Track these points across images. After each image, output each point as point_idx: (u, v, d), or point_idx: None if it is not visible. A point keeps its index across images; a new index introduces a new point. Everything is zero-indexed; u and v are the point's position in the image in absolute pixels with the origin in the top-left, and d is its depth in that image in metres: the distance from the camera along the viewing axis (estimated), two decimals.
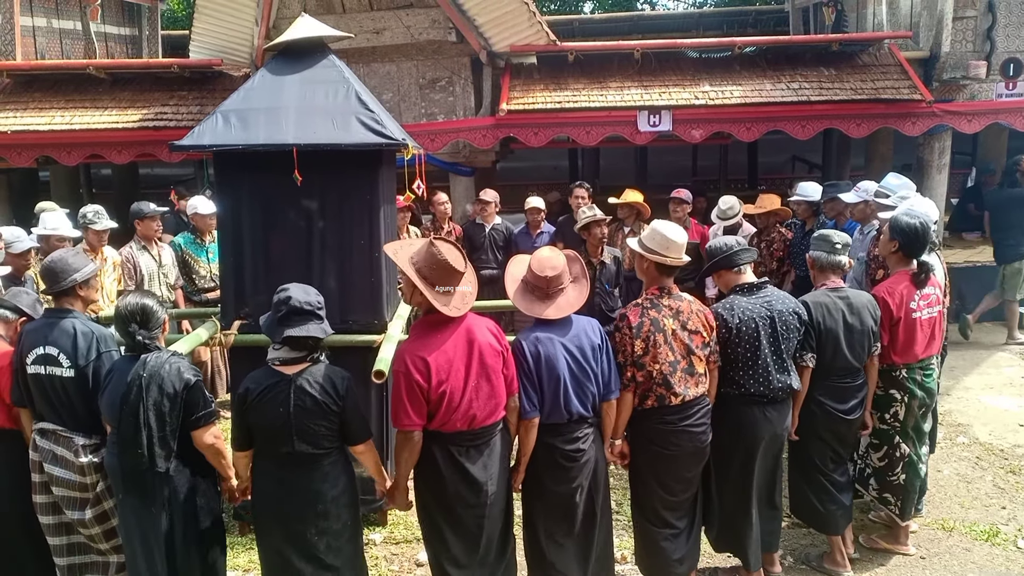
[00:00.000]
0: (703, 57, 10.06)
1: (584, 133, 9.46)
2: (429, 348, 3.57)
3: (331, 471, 3.63)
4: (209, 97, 10.21)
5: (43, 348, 3.90)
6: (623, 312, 4.11)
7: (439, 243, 3.69)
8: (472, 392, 3.61)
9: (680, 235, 4.18)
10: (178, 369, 3.59)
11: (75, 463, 3.89)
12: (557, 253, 4.03)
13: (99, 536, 3.98)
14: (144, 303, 3.71)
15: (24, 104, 10.25)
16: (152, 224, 7.01)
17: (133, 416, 3.50)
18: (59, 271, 4.00)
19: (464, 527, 3.75)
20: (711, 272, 4.51)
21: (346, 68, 5.24)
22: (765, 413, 4.29)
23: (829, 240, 4.64)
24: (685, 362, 4.06)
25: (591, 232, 6.68)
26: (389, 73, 9.99)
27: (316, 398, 3.51)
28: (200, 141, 4.86)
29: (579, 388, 3.83)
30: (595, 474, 3.94)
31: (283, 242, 5.04)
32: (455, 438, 3.66)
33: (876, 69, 9.74)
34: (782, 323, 4.28)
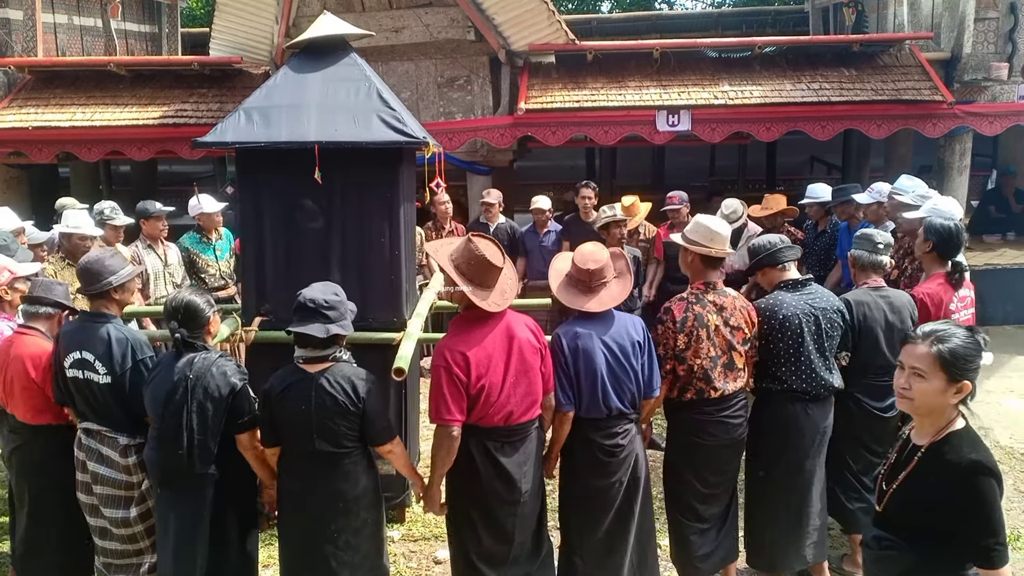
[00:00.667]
0: (722, 57, 10.02)
1: (602, 133, 9.45)
2: (469, 343, 3.59)
3: (352, 471, 3.63)
4: (229, 95, 10.25)
5: (80, 353, 3.88)
6: (667, 306, 4.13)
7: (477, 239, 3.71)
8: (510, 388, 3.62)
9: (724, 226, 4.22)
10: (225, 372, 3.59)
11: (120, 463, 3.89)
12: (600, 248, 4.04)
13: (141, 534, 3.97)
14: (188, 301, 3.68)
15: (45, 100, 10.33)
16: (157, 224, 7.00)
17: (176, 416, 3.50)
18: (96, 272, 3.97)
19: (498, 523, 3.75)
20: (755, 270, 4.52)
21: (367, 66, 5.25)
22: (807, 410, 4.29)
23: (871, 239, 4.65)
24: (725, 357, 4.07)
25: (610, 232, 6.66)
26: (408, 71, 10.00)
27: (336, 397, 3.52)
28: (223, 138, 4.87)
29: (617, 384, 3.83)
30: (634, 470, 3.93)
31: (304, 239, 5.05)
32: (492, 433, 3.68)
33: (897, 70, 9.69)
34: (826, 320, 4.28)
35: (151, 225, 6.96)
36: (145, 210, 6.94)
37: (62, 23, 12.55)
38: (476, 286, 3.66)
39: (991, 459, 2.59)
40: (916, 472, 2.70)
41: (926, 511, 2.65)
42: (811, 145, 11.33)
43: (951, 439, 2.64)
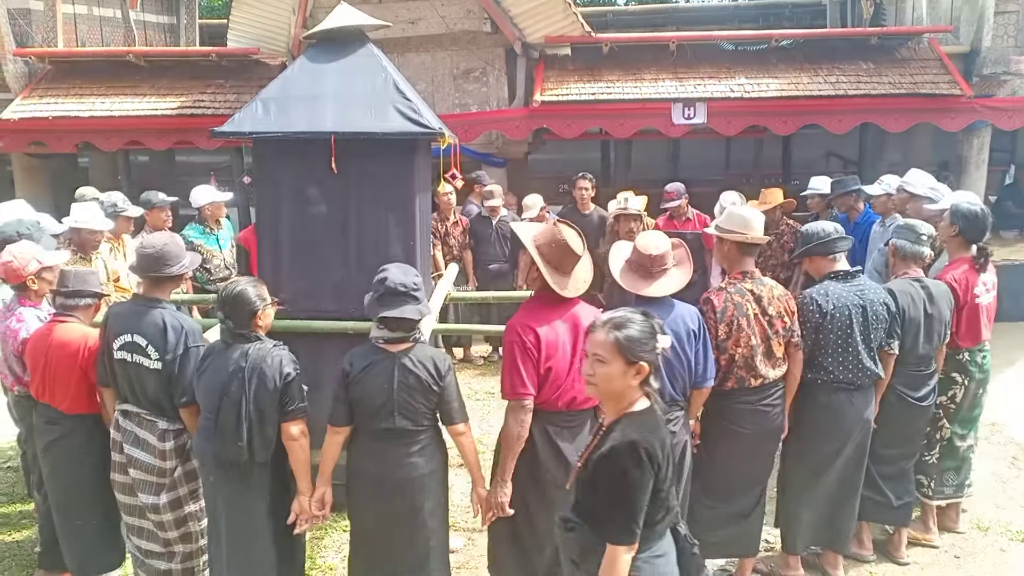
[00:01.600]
0: (739, 50, 10.00)
1: (618, 125, 9.45)
2: (538, 322, 3.64)
3: (428, 445, 3.70)
4: (246, 85, 10.31)
5: (131, 336, 3.89)
6: (707, 296, 4.16)
7: (562, 225, 3.76)
8: (575, 374, 3.65)
9: (757, 213, 4.27)
10: (279, 362, 3.61)
11: (157, 447, 3.92)
12: (662, 235, 4.08)
13: (169, 523, 3.99)
14: (238, 293, 3.66)
15: (65, 90, 10.42)
16: (160, 214, 7.00)
17: (234, 408, 3.53)
18: (155, 259, 3.97)
19: (552, 508, 3.72)
20: (805, 256, 4.53)
21: (384, 57, 5.27)
22: (852, 400, 4.33)
23: (915, 230, 4.68)
24: (764, 346, 4.11)
25: (619, 224, 6.66)
26: (423, 63, 10.03)
27: (419, 376, 3.58)
28: (240, 128, 4.91)
29: (671, 371, 3.86)
30: (682, 459, 3.96)
31: (319, 229, 5.08)
32: (553, 417, 3.72)
33: (915, 63, 9.65)
34: (873, 312, 4.31)
35: (155, 216, 6.97)
36: (148, 201, 6.94)
37: (82, 14, 12.65)
38: (554, 269, 3.71)
39: (649, 442, 2.63)
40: (592, 451, 2.78)
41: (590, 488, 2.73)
42: (827, 140, 11.28)
43: (623, 419, 2.73)
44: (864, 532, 4.84)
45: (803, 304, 4.34)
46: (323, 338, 5.05)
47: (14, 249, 4.46)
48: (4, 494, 5.82)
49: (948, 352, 4.81)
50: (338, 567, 4.77)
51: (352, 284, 5.08)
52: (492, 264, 8.51)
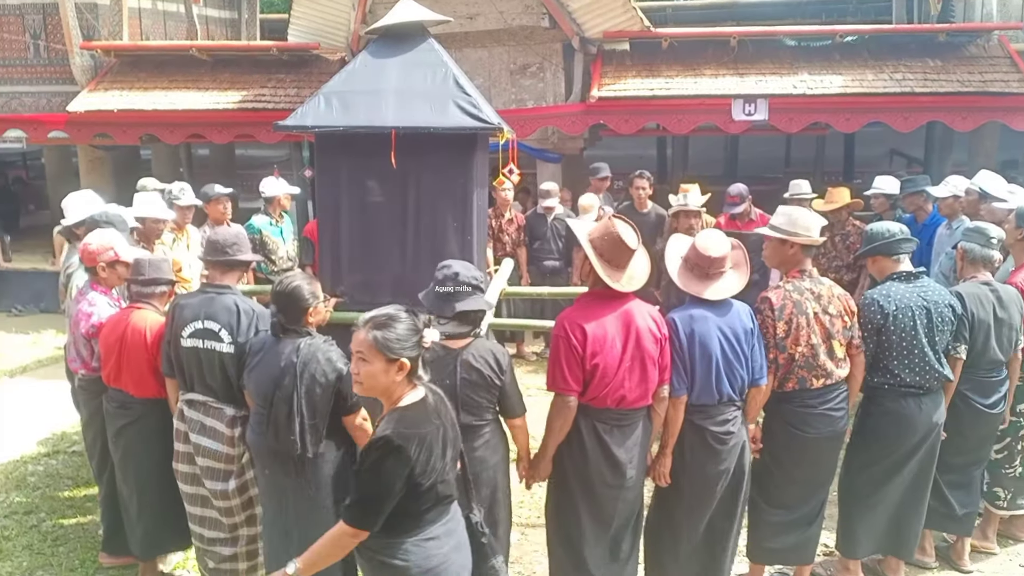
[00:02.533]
0: (802, 45, 9.82)
1: (676, 121, 9.35)
2: (587, 318, 3.63)
3: (492, 438, 3.72)
4: (306, 80, 10.44)
5: (202, 323, 3.96)
6: (764, 295, 4.10)
7: (616, 220, 3.75)
8: (625, 372, 3.63)
9: (815, 215, 4.29)
10: (331, 358, 3.64)
11: (225, 434, 3.97)
12: (721, 236, 4.03)
13: (237, 507, 4.05)
14: (292, 289, 3.69)
15: (130, 84, 10.65)
16: (218, 206, 7.05)
17: (287, 402, 3.56)
18: (229, 244, 4.08)
19: (600, 506, 3.78)
20: (868, 256, 4.44)
21: (444, 52, 5.27)
22: (920, 405, 4.23)
23: (984, 233, 4.56)
24: (826, 345, 4.04)
25: (679, 221, 6.59)
26: (481, 59, 10.04)
27: (482, 372, 3.59)
28: (303, 122, 4.95)
29: (730, 370, 3.82)
30: (741, 458, 3.93)
31: (379, 223, 5.11)
32: (602, 415, 3.70)
33: (984, 61, 9.38)
34: (938, 314, 4.21)
35: (212, 208, 7.04)
36: (205, 194, 7.03)
37: (146, 8, 12.91)
38: (608, 263, 3.69)
39: (405, 436, 2.74)
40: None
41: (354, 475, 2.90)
42: (891, 137, 11.05)
43: (390, 413, 2.85)
44: (926, 539, 4.73)
45: (864, 305, 4.25)
46: None
47: (99, 233, 4.61)
48: (70, 478, 5.98)
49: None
50: None
51: (409, 278, 5.09)
52: (547, 261, 8.49)
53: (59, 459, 6.32)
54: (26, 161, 17.69)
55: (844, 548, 4.54)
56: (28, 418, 7.11)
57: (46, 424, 6.91)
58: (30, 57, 11.67)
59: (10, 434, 6.74)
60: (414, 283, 5.04)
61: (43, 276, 10.94)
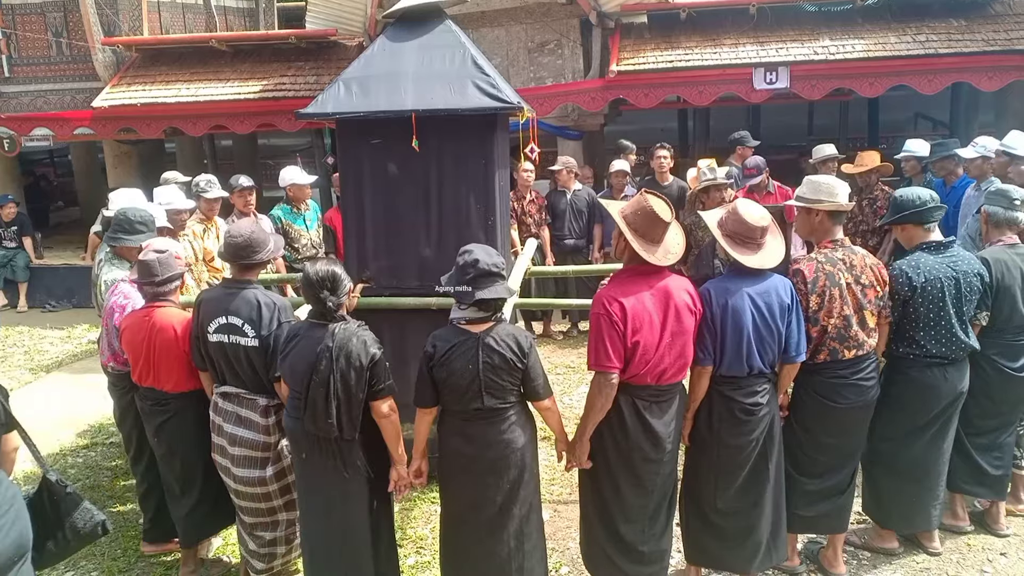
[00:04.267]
0: (822, 10, 9.67)
1: (696, 93, 9.27)
2: (626, 294, 3.62)
3: (518, 420, 3.72)
4: (325, 67, 10.47)
5: (225, 318, 4.02)
6: (797, 267, 4.05)
7: (648, 195, 3.74)
8: (665, 348, 3.64)
9: (839, 180, 4.21)
10: (364, 342, 3.68)
11: (260, 423, 4.05)
12: (760, 207, 3.99)
13: (275, 492, 4.13)
14: (334, 270, 3.74)
15: (152, 77, 10.75)
16: (242, 198, 7.16)
17: (323, 386, 3.60)
18: (243, 247, 4.10)
19: (639, 480, 3.80)
20: (897, 224, 4.36)
21: (462, 33, 5.27)
22: (946, 374, 4.21)
23: (1008, 195, 4.49)
24: (857, 317, 4.01)
25: (709, 196, 6.53)
26: (498, 37, 10.01)
27: (504, 355, 3.60)
28: (324, 109, 4.98)
29: (761, 344, 3.81)
30: (771, 429, 3.92)
31: (403, 207, 5.14)
32: (642, 391, 3.71)
33: (1010, 19, 9.20)
34: (966, 284, 4.17)
35: (238, 198, 7.16)
36: (230, 185, 7.12)
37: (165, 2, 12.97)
38: (643, 238, 3.69)
39: None
40: None
41: None
42: (916, 100, 10.89)
43: None
44: (958, 504, 4.71)
45: (893, 277, 4.20)
46: (407, 314, 5.13)
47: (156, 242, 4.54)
48: (109, 469, 6.09)
49: None
50: (427, 537, 4.87)
51: (434, 261, 5.14)
52: (567, 239, 8.48)
53: (98, 451, 6.45)
54: (53, 158, 17.92)
55: (877, 516, 4.55)
56: (66, 412, 7.25)
57: (83, 417, 7.04)
58: (53, 55, 11.80)
59: (49, 428, 6.87)
60: (439, 266, 5.08)
61: (75, 272, 11.10)
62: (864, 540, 4.61)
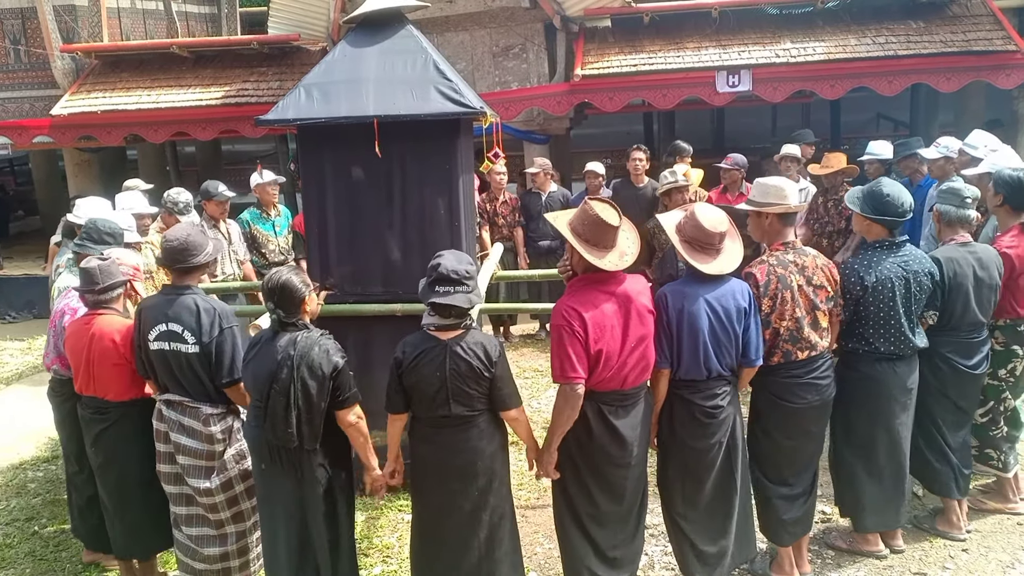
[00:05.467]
0: (783, 13, 9.78)
1: (660, 96, 9.33)
2: (585, 305, 3.59)
3: (487, 428, 3.69)
4: (288, 72, 10.39)
5: (165, 325, 3.95)
6: (748, 271, 4.05)
7: (593, 202, 3.70)
8: (628, 354, 3.63)
9: (789, 182, 4.21)
10: (327, 351, 3.65)
11: (203, 432, 3.99)
12: (718, 209, 3.98)
13: (222, 504, 4.06)
14: (285, 281, 3.68)
15: (112, 84, 10.61)
16: (219, 207, 7.09)
17: (284, 395, 3.57)
18: (180, 250, 4.04)
19: (610, 485, 3.78)
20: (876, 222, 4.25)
21: (423, 38, 5.26)
22: (895, 368, 4.25)
23: (959, 194, 4.53)
24: (810, 317, 4.02)
25: (672, 198, 6.57)
26: (463, 42, 10.00)
27: (471, 363, 3.56)
28: (284, 115, 4.94)
29: (718, 348, 3.81)
30: (733, 432, 3.93)
31: (366, 213, 5.11)
32: (607, 397, 3.69)
33: (967, 20, 9.36)
34: (916, 284, 4.21)
35: (213, 206, 7.06)
36: (207, 192, 7.04)
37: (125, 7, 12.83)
38: (593, 246, 3.66)
39: None
40: None
41: None
42: (877, 102, 11.04)
43: None
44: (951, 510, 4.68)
45: (844, 276, 4.22)
46: (372, 321, 5.10)
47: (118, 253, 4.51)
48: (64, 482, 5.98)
49: (1008, 324, 4.67)
50: (394, 546, 4.84)
51: (399, 267, 5.11)
52: (542, 240, 8.46)
53: (58, 464, 6.30)
54: (13, 167, 17.64)
55: (856, 523, 4.52)
56: (25, 424, 7.12)
57: (44, 430, 6.89)
58: (11, 63, 11.64)
59: (8, 441, 6.75)
60: (403, 272, 5.07)
61: (35, 282, 10.92)
62: (849, 543, 4.61)
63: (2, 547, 5.14)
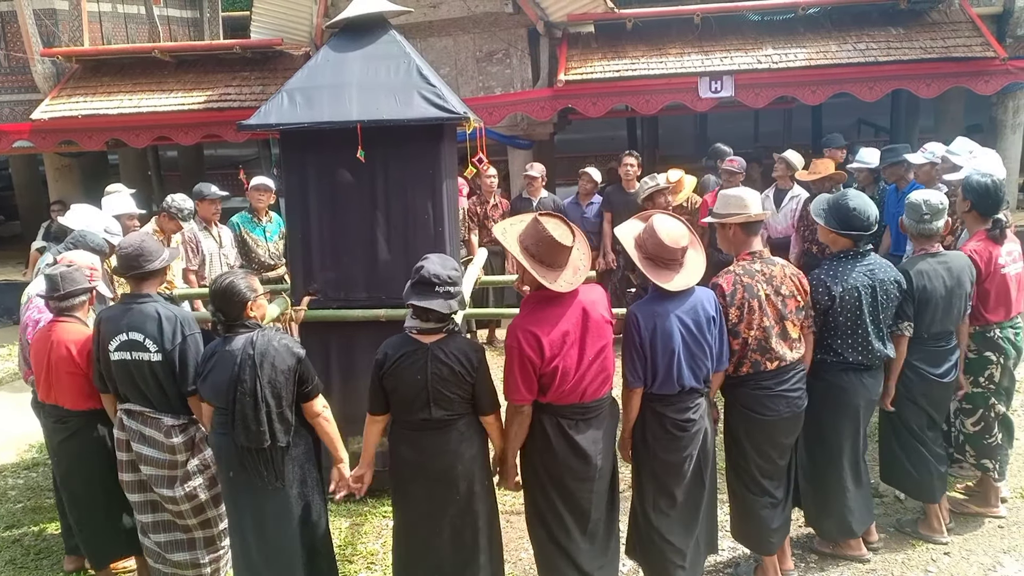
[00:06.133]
0: (765, 20, 9.84)
1: (644, 102, 9.37)
2: (541, 324, 3.55)
3: (467, 431, 3.69)
4: (271, 77, 10.36)
5: (126, 334, 3.92)
6: (715, 281, 4.03)
7: (544, 219, 3.62)
8: (586, 367, 3.59)
9: (751, 191, 4.19)
10: (287, 345, 3.65)
11: (165, 443, 3.96)
12: (677, 222, 3.90)
13: (188, 512, 4.05)
14: (226, 286, 3.68)
15: (93, 89, 10.53)
16: (211, 207, 7.11)
17: (251, 395, 3.55)
18: (135, 256, 4.00)
19: (575, 500, 3.74)
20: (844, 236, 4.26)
21: (407, 43, 5.26)
22: (862, 380, 4.26)
23: (917, 209, 4.49)
24: (779, 327, 4.01)
25: (655, 202, 6.60)
26: (446, 47, 10.00)
27: (452, 368, 3.56)
28: (267, 120, 4.93)
29: (692, 361, 3.78)
30: (704, 444, 3.90)
31: (349, 218, 5.10)
32: (566, 411, 3.66)
33: (946, 27, 9.45)
34: (883, 292, 4.21)
35: (205, 207, 7.05)
36: (200, 192, 7.03)
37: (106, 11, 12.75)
38: (546, 267, 3.60)
39: None
40: None
41: None
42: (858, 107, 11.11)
43: None
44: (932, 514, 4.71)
45: (812, 287, 4.21)
46: (356, 326, 5.09)
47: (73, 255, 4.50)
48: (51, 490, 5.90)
49: (978, 330, 4.71)
50: (379, 552, 4.82)
51: (382, 272, 5.10)
52: None
53: (39, 471, 6.28)
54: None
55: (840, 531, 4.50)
56: (6, 431, 7.04)
57: (25, 437, 6.84)
58: None
59: None
60: (387, 277, 5.06)
61: (15, 288, 10.77)
62: (833, 547, 4.61)
63: None
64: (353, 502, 5.21)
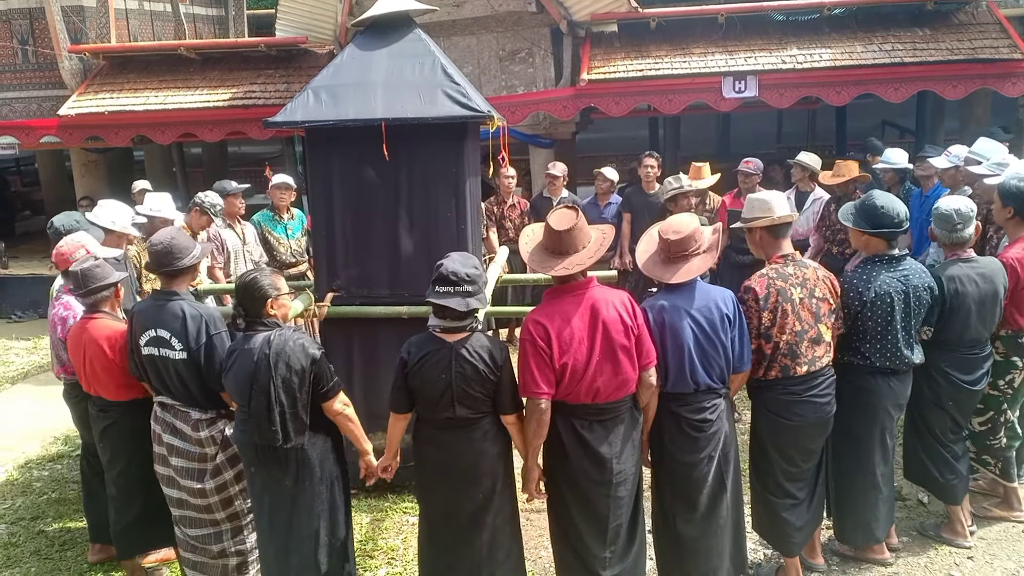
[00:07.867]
0: (790, 20, 9.79)
1: (666, 101, 9.34)
2: (551, 318, 3.58)
3: (491, 430, 3.70)
4: (295, 75, 10.42)
5: (154, 331, 3.98)
6: (748, 284, 4.01)
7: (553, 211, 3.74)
8: (596, 367, 3.57)
9: (777, 194, 4.18)
10: (303, 345, 3.66)
11: (193, 436, 4.01)
12: (688, 219, 3.94)
13: (216, 505, 4.08)
14: (248, 282, 3.74)
15: (120, 85, 10.63)
16: (235, 202, 7.15)
17: (264, 394, 3.58)
18: (164, 253, 4.05)
19: (591, 505, 3.72)
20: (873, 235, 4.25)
21: (431, 41, 5.27)
22: (889, 383, 4.23)
23: (949, 220, 4.43)
24: (813, 331, 3.98)
25: (678, 204, 6.55)
26: (469, 46, 10.02)
27: (476, 366, 3.57)
28: (292, 117, 4.96)
29: (705, 359, 3.76)
30: (724, 445, 3.86)
31: (373, 216, 5.12)
32: (579, 411, 3.65)
33: (973, 28, 9.37)
34: (915, 298, 4.17)
35: (229, 203, 7.07)
36: (223, 189, 7.06)
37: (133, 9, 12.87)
38: (553, 254, 3.66)
39: None
40: None
41: None
42: (883, 109, 11.04)
43: None
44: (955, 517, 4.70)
45: (844, 291, 4.19)
46: (378, 323, 5.11)
47: (67, 238, 4.68)
48: (75, 482, 5.95)
49: (1009, 335, 4.65)
50: (399, 548, 4.84)
51: (405, 269, 5.12)
52: None
53: (64, 463, 6.35)
54: (20, 167, 17.67)
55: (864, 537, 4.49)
56: (32, 424, 7.13)
57: (50, 429, 6.93)
58: (19, 63, 11.68)
59: (14, 440, 6.77)
60: (410, 275, 5.08)
61: (41, 282, 10.92)
62: (855, 552, 4.58)
63: (8, 546, 5.15)
64: (374, 498, 5.25)
